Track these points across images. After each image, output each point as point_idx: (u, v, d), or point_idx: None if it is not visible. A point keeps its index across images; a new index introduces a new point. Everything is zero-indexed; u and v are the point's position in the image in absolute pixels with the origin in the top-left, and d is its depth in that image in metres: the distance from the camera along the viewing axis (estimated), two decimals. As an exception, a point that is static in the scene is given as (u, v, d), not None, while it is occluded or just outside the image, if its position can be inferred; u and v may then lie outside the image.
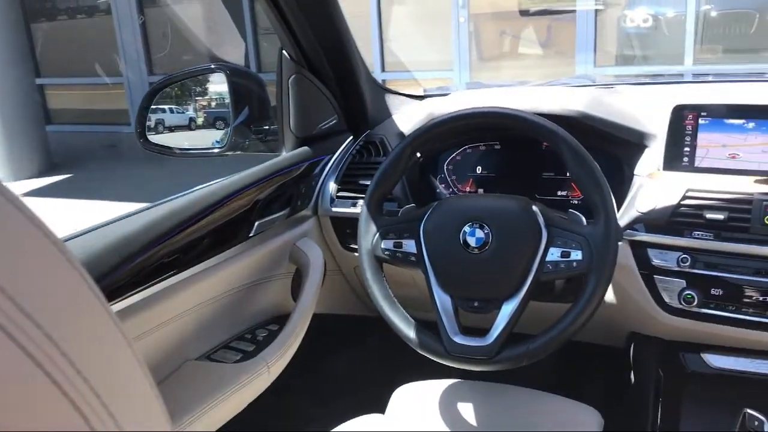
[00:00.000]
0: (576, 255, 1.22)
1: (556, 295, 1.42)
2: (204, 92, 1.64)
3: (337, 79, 1.67)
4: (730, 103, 1.38)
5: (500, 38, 7.29)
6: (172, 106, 1.63)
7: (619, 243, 1.40)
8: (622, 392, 1.60)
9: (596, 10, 6.53)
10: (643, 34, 6.94)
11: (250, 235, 1.46)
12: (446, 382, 1.50)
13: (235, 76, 1.57)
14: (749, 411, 1.10)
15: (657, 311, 1.38)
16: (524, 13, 7.62)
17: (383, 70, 7.28)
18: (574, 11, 6.63)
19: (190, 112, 1.64)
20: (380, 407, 1.49)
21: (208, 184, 1.40)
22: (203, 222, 1.31)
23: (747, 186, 1.32)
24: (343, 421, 1.42)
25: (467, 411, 1.43)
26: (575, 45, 6.59)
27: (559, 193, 1.56)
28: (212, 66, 1.60)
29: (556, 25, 7.02)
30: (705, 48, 6.37)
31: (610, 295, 1.48)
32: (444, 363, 1.28)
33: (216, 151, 1.57)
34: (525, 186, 1.55)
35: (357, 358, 2.03)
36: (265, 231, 1.51)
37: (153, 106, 1.53)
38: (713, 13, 6.61)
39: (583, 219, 1.27)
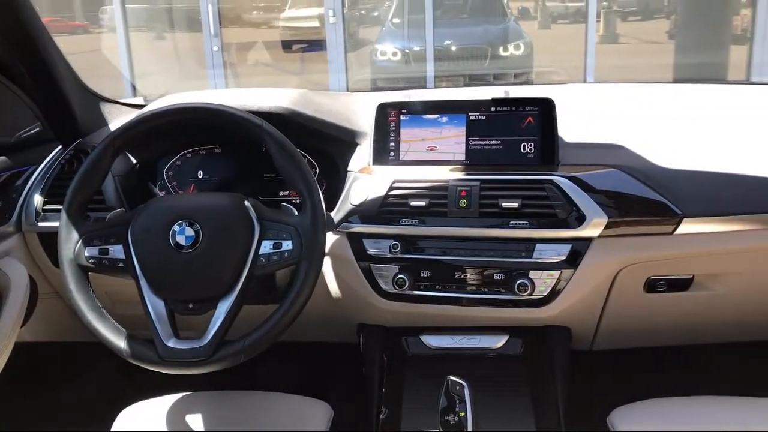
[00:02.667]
0: (287, 245, 1.22)
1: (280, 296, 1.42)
2: None
3: (36, 85, 1.54)
4: (426, 100, 1.50)
5: (255, 67, 7.39)
6: None
7: (337, 236, 1.45)
8: (354, 383, 1.64)
9: (345, 42, 6.90)
10: (392, 66, 7.46)
11: None
12: (174, 397, 1.43)
13: None
14: (451, 378, 1.18)
15: (376, 298, 1.44)
16: (286, 45, 7.86)
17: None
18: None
19: None
20: None
21: None
22: None
23: (444, 174, 1.43)
24: None
25: (196, 423, 1.37)
26: (329, 72, 6.89)
27: (281, 193, 1.58)
28: None
29: (307, 56, 7.32)
30: (443, 78, 7.01)
31: (334, 289, 1.52)
32: (160, 371, 1.21)
33: None
34: (247, 188, 1.54)
35: (83, 384, 1.87)
36: None
37: None
38: (453, 48, 7.32)
39: (295, 211, 1.29)
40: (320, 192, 1.26)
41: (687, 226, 1.36)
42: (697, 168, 1.41)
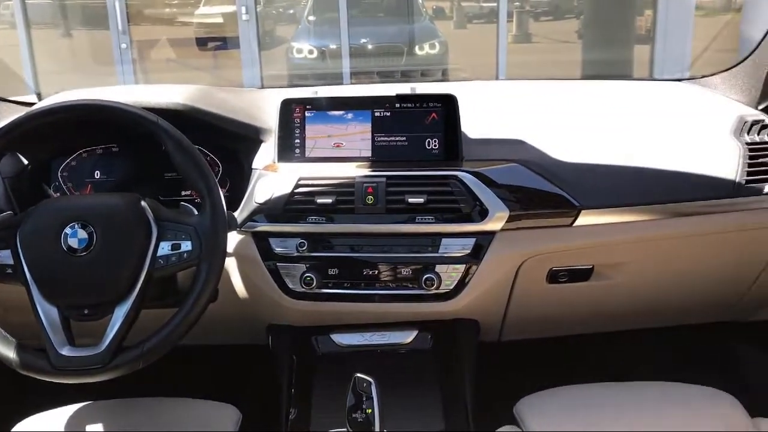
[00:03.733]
0: (186, 246, 1.19)
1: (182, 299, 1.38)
2: None
3: None
4: (331, 96, 1.49)
5: (166, 64, 7.20)
6: None
7: (242, 236, 1.42)
8: (264, 385, 1.61)
9: (259, 41, 6.84)
10: (309, 64, 7.44)
11: None
12: (73, 408, 1.36)
13: None
14: (358, 375, 1.17)
15: (283, 298, 1.42)
16: (201, 42, 7.71)
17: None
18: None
19: None
20: None
21: None
22: None
23: (350, 171, 1.43)
24: None
25: None
26: (242, 67, 6.80)
27: (183, 193, 1.53)
28: None
29: (221, 53, 7.21)
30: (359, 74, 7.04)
31: (241, 290, 1.49)
32: (53, 380, 1.16)
33: None
34: (147, 188, 1.48)
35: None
36: None
37: None
38: (369, 46, 7.35)
39: (195, 210, 1.25)
40: (221, 190, 1.23)
41: (585, 218, 1.40)
42: (594, 161, 1.46)
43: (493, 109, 1.68)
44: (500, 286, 1.46)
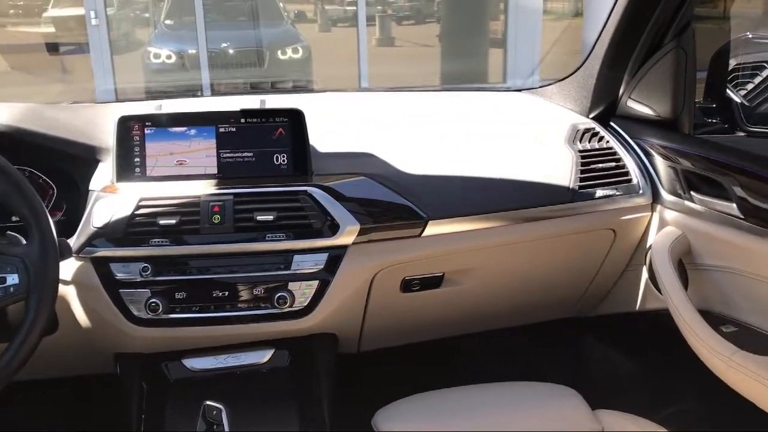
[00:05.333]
0: (12, 279, 1.10)
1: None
2: None
3: None
4: (172, 112, 1.43)
5: (8, 75, 6.74)
6: None
7: (80, 262, 1.34)
8: (114, 416, 1.53)
9: (111, 47, 6.54)
10: (167, 69, 7.17)
11: None
12: None
13: None
14: (208, 403, 1.14)
15: (128, 326, 1.35)
16: (51, 47, 7.26)
17: None
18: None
19: None
20: None
21: None
22: None
23: (195, 189, 1.38)
24: None
25: None
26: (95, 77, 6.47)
27: (14, 218, 1.42)
28: None
29: (75, 59, 6.83)
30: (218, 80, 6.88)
31: (83, 319, 1.40)
32: None
33: None
34: None
35: None
36: None
37: None
38: (230, 51, 7.19)
39: (22, 239, 1.16)
40: (49, 216, 1.14)
41: (433, 228, 1.44)
42: (441, 173, 1.50)
43: (343, 122, 1.68)
44: (355, 299, 1.46)
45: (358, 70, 6.91)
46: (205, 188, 1.39)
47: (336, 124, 1.65)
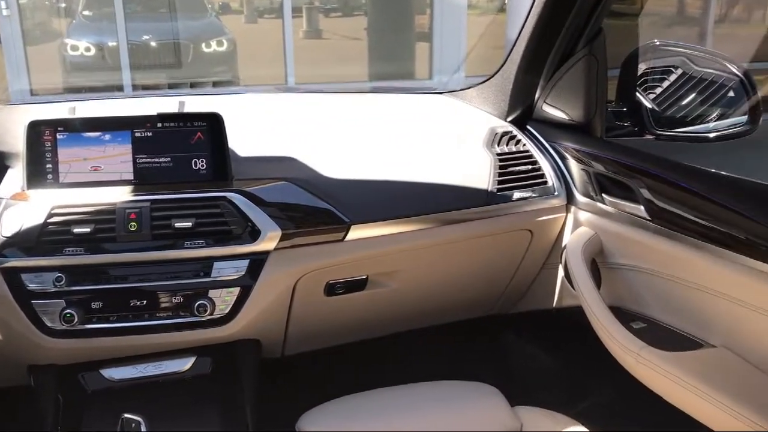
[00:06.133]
0: None
1: None
2: None
3: None
4: (85, 117, 1.39)
5: None
6: None
7: None
8: (29, 430, 1.48)
9: (24, 39, 6.26)
10: (86, 62, 6.93)
11: None
12: None
13: None
14: (126, 415, 1.11)
15: (41, 337, 1.31)
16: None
17: None
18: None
19: None
20: None
21: None
22: None
23: (110, 196, 1.34)
24: None
25: None
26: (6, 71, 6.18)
27: None
28: None
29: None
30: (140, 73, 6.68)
31: (-7, 332, 1.35)
32: None
33: None
34: None
35: None
36: None
37: None
38: (152, 43, 6.99)
39: None
40: None
41: (356, 232, 1.44)
42: (363, 177, 1.50)
43: (265, 125, 1.67)
44: (278, 304, 1.46)
45: (284, 63, 6.84)
46: (121, 195, 1.35)
47: (257, 126, 1.63)
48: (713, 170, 1.37)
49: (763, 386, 1.23)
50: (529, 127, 1.74)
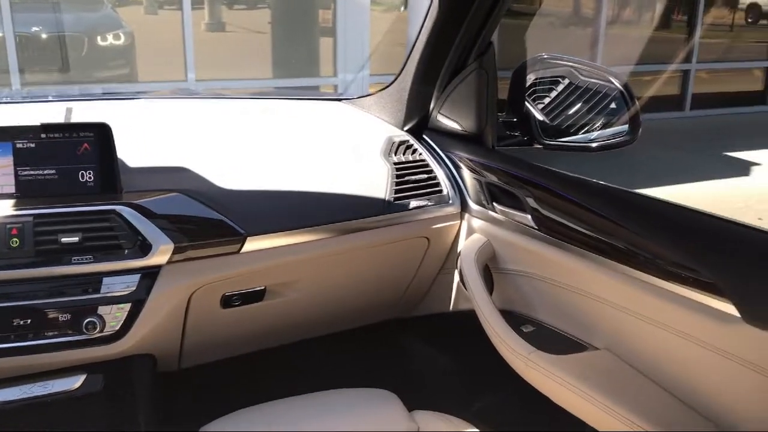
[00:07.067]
0: None
1: None
2: None
3: None
4: None
5: None
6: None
7: None
8: None
9: None
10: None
11: None
12: None
13: None
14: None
15: None
16: None
17: None
18: None
19: None
20: None
21: None
22: None
23: None
24: None
25: None
26: None
27: None
28: None
29: None
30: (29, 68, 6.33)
31: None
32: None
33: None
34: None
35: None
36: None
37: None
38: (43, 36, 6.63)
39: None
40: None
41: (252, 244, 1.43)
42: (260, 187, 1.49)
43: (157, 133, 1.63)
44: (172, 319, 1.43)
45: (184, 57, 6.66)
46: (2, 209, 1.29)
47: (149, 135, 1.59)
48: (595, 181, 1.45)
49: (640, 387, 1.31)
50: (425, 136, 1.78)
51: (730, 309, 1.14)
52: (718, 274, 1.15)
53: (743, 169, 6.59)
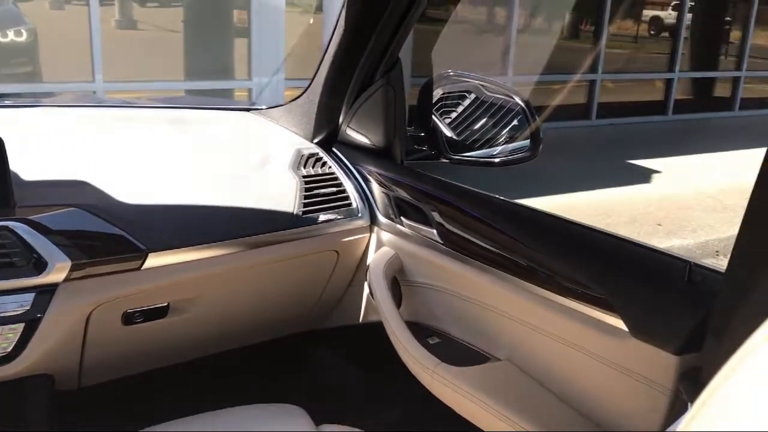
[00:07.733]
0: None
1: None
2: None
3: None
4: None
5: None
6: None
7: None
8: None
9: None
10: None
11: None
12: None
13: None
14: None
15: None
16: None
17: None
18: None
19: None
20: None
21: None
22: None
23: None
24: None
25: None
26: None
27: None
28: None
29: None
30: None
31: None
32: None
33: None
34: None
35: None
36: None
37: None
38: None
39: None
40: None
41: (154, 260, 1.40)
42: (163, 201, 1.46)
43: (54, 144, 1.57)
44: (70, 338, 1.38)
45: (91, 57, 6.41)
46: None
47: (46, 147, 1.53)
48: (499, 197, 1.49)
49: (538, 397, 1.36)
50: (334, 149, 1.78)
51: (619, 324, 1.20)
52: (609, 291, 1.21)
53: (645, 176, 6.91)
